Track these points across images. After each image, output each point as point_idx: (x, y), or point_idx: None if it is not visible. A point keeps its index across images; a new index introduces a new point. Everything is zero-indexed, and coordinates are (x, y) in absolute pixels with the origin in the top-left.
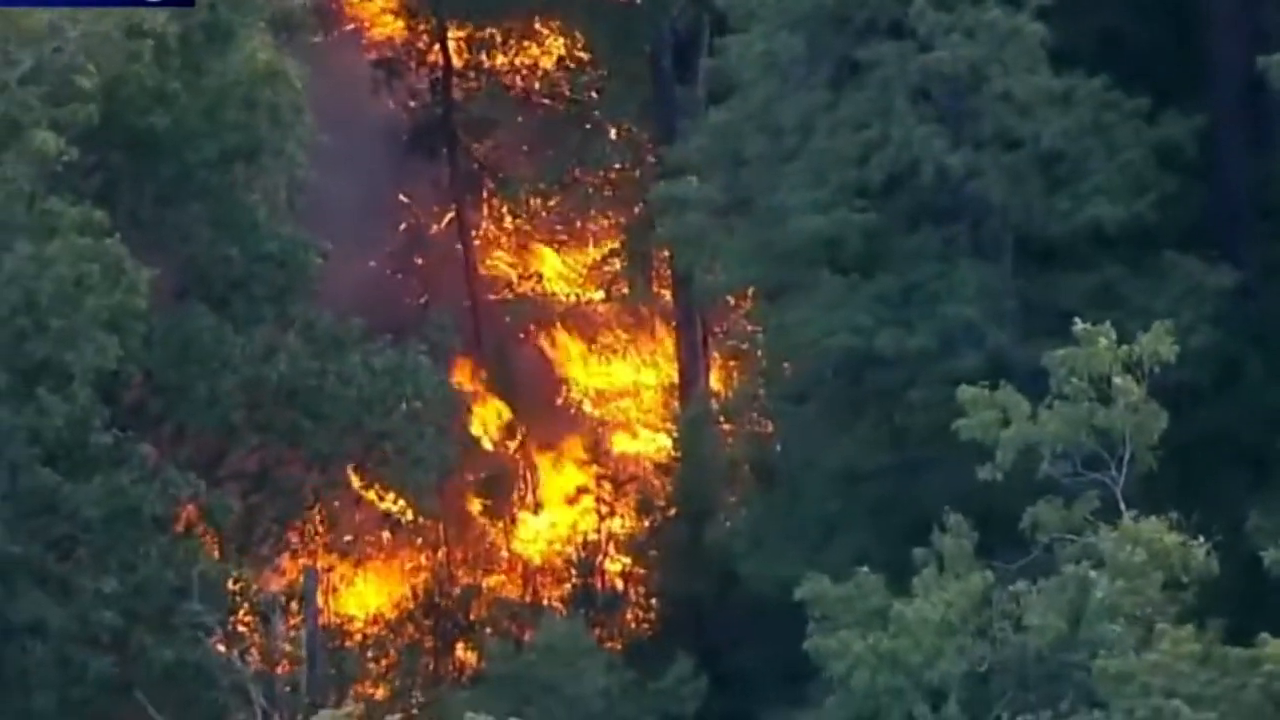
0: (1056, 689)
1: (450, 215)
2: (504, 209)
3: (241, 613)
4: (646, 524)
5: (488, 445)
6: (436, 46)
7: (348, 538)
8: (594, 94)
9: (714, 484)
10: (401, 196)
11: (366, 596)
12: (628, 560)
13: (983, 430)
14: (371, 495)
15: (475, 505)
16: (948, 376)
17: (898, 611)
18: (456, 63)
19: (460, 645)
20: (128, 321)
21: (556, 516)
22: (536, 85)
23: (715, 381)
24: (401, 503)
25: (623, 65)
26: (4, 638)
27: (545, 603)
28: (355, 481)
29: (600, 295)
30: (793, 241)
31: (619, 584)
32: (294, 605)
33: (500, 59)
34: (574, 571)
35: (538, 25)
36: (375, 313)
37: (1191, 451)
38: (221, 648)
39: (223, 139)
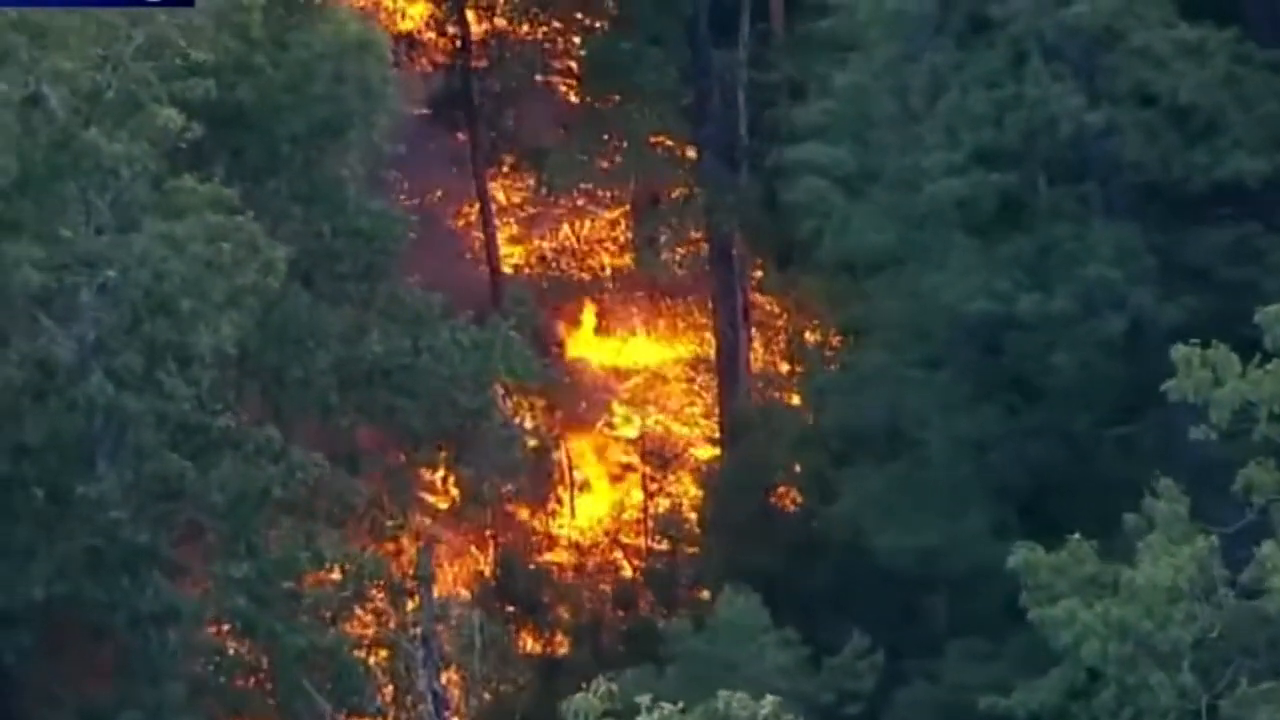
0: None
1: (439, 192)
2: (521, 181)
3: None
4: (700, 500)
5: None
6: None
7: (424, 519)
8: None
9: (779, 458)
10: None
11: None
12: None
13: (1195, 389)
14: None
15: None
16: (1089, 339)
17: (1128, 578)
18: (476, 32)
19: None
20: (246, 301)
21: (597, 496)
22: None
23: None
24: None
25: (655, 30)
26: (132, 627)
27: (607, 584)
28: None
29: (620, 262)
30: (927, 204)
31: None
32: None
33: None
34: (645, 551)
35: None
36: None
37: None
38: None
39: (310, 112)
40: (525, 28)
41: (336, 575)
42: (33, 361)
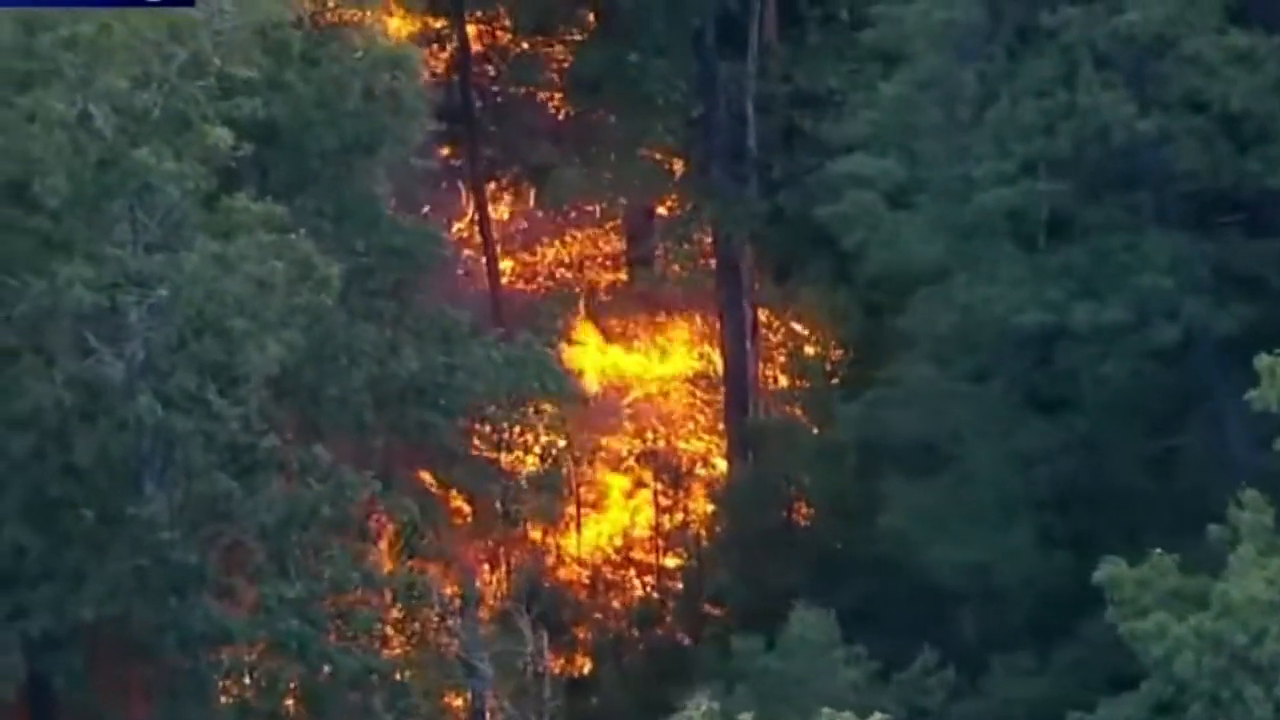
0: None
1: (425, 209)
2: (516, 196)
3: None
4: (711, 516)
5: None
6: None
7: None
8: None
9: (795, 472)
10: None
11: None
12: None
13: (1278, 399)
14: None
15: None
16: (1141, 348)
17: (1219, 590)
18: (476, 46)
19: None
20: (297, 320)
21: (605, 513)
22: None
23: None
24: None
25: (661, 42)
26: (181, 648)
27: (619, 602)
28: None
29: (617, 277)
30: (976, 215)
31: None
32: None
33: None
34: (657, 568)
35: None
36: None
37: None
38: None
39: (342, 128)
40: (517, 42)
41: (370, 595)
42: (81, 382)
